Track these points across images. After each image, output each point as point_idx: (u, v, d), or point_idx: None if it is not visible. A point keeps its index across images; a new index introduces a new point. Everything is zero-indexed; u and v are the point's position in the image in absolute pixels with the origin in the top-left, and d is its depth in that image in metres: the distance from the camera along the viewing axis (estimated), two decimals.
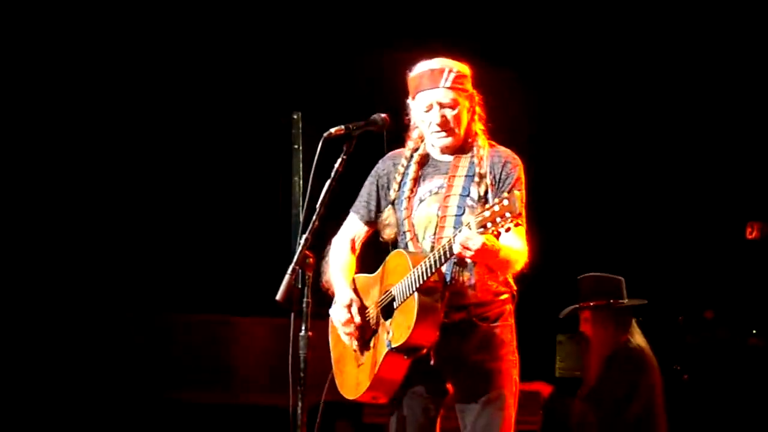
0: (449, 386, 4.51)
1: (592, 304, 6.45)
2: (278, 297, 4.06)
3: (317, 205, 4.22)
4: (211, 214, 8.59)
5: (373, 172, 4.69)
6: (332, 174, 4.26)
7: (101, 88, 8.26)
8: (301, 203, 7.68)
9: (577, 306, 6.52)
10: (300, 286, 4.11)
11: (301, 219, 4.25)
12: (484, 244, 4.07)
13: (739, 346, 8.25)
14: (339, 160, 4.29)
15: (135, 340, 7.61)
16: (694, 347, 8.19)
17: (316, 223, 4.20)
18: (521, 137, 4.71)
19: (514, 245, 4.31)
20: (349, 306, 4.49)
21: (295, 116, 7.97)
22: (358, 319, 4.48)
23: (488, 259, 4.21)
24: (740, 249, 8.69)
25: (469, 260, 4.24)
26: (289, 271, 4.08)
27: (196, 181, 8.57)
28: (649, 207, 8.85)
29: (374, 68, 8.30)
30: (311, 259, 4.15)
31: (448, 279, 4.37)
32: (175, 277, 8.32)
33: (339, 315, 4.51)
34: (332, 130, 4.31)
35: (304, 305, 4.10)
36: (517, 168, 4.47)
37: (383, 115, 4.43)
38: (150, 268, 8.34)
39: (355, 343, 4.52)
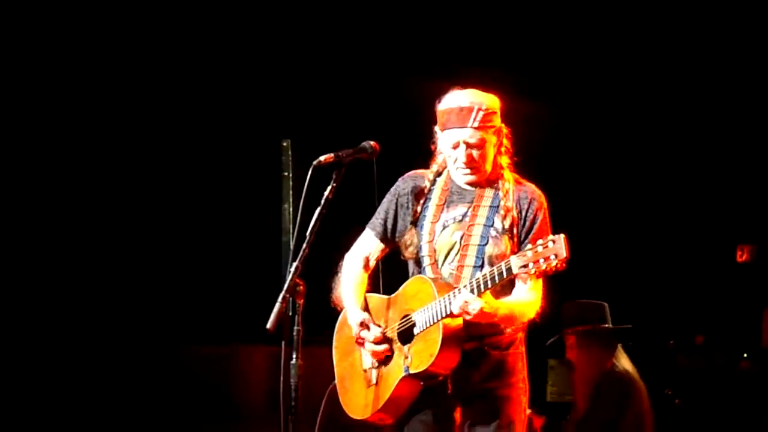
0: (457, 415, 4.49)
1: (575, 329, 6.47)
2: (269, 325, 4.04)
3: (307, 233, 4.21)
4: (201, 241, 8.57)
5: (392, 190, 4.67)
6: (322, 201, 4.26)
7: (93, 112, 8.22)
8: (291, 230, 7.68)
9: (562, 333, 6.54)
10: (291, 314, 4.11)
11: (292, 246, 4.25)
12: (481, 309, 4.14)
13: (730, 370, 8.26)
14: (329, 188, 4.29)
15: (125, 371, 7.58)
16: (686, 371, 8.20)
17: (307, 250, 4.19)
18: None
19: (524, 299, 4.35)
20: (367, 323, 4.47)
21: (285, 143, 7.98)
22: (378, 332, 4.45)
23: (486, 320, 4.24)
24: (731, 272, 8.71)
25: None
26: (280, 299, 4.07)
27: (186, 208, 8.55)
28: (639, 231, 8.86)
29: (365, 95, 8.33)
30: (302, 287, 4.14)
31: None
32: (163, 306, 8.28)
33: (365, 336, 4.46)
34: (322, 157, 4.31)
35: (295, 333, 4.10)
36: (542, 209, 4.51)
37: (372, 142, 4.44)
38: (136, 298, 8.29)
39: (369, 358, 4.50)
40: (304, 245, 4.20)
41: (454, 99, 4.47)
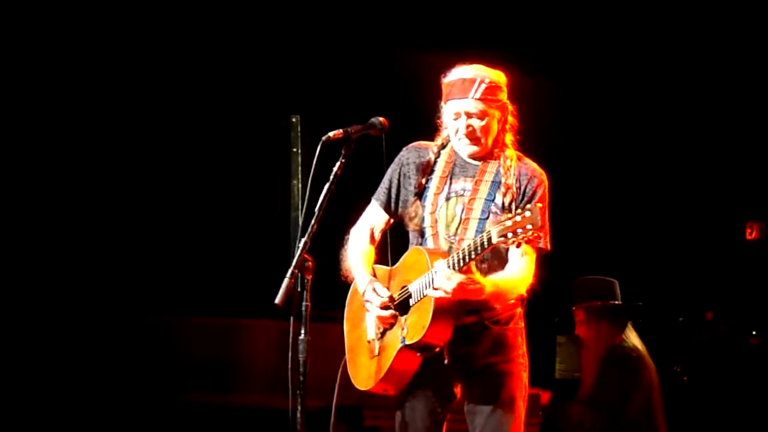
0: (457, 390, 4.51)
1: (584, 305, 6.47)
2: (277, 301, 4.06)
3: (316, 209, 4.22)
4: (210, 217, 8.59)
5: (396, 159, 4.67)
6: (331, 177, 4.26)
7: (99, 94, 8.25)
8: (300, 207, 7.68)
9: (572, 308, 6.54)
10: (299, 290, 4.11)
11: (300, 222, 4.25)
12: (461, 285, 4.13)
13: (739, 346, 8.25)
14: (338, 164, 4.28)
15: (136, 343, 7.60)
16: (695, 348, 8.19)
17: (315, 226, 4.19)
18: (526, 141, 4.70)
19: (512, 274, 4.36)
20: (375, 286, 4.47)
21: (294, 120, 7.97)
22: (386, 294, 4.44)
23: (471, 296, 4.23)
24: (740, 250, 8.70)
25: (482, 267, 4.30)
26: (288, 274, 4.08)
27: (195, 185, 8.57)
28: (649, 209, 8.85)
29: (373, 71, 8.31)
30: (310, 263, 4.15)
31: None
32: (174, 280, 8.32)
33: (373, 300, 4.46)
34: (331, 133, 4.31)
35: (303, 309, 4.11)
36: (542, 185, 4.50)
37: (381, 118, 4.44)
38: (149, 272, 8.33)
39: (373, 330, 4.52)
40: (313, 221, 4.20)
41: (459, 72, 4.49)
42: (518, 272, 4.37)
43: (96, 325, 7.71)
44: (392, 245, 4.67)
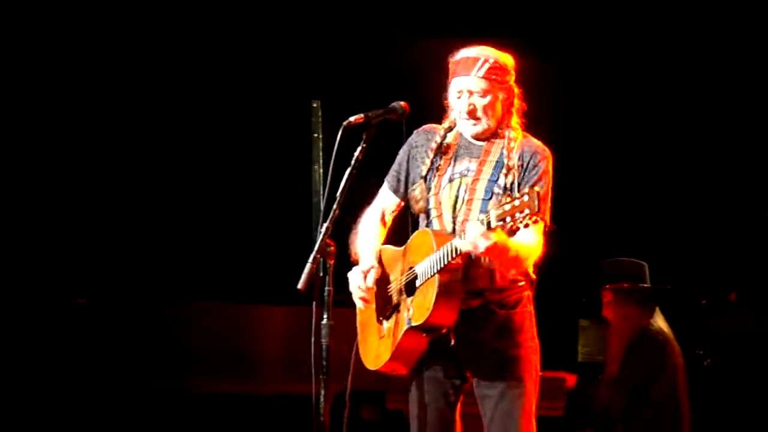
0: (468, 374, 4.51)
1: (613, 286, 6.46)
2: (300, 286, 4.07)
3: (338, 194, 4.23)
4: (232, 203, 8.60)
5: (406, 143, 4.66)
6: (352, 162, 4.27)
7: (122, 80, 8.27)
8: (321, 192, 7.69)
9: (600, 289, 6.53)
10: (321, 275, 4.13)
11: (322, 207, 4.26)
12: (496, 244, 4.10)
13: (762, 330, 8.22)
14: (359, 149, 4.30)
15: (153, 329, 7.61)
16: (719, 332, 8.17)
17: (337, 211, 4.21)
18: (543, 122, 4.69)
19: (527, 241, 4.31)
20: (367, 272, 4.49)
21: (315, 105, 7.97)
22: (370, 283, 4.47)
23: (498, 256, 4.23)
24: (763, 231, 8.65)
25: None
26: (311, 259, 4.10)
27: (217, 170, 8.58)
28: (671, 190, 8.82)
29: (395, 57, 8.30)
30: (332, 248, 4.17)
31: (470, 260, 4.36)
32: (196, 265, 8.34)
33: (355, 278, 4.50)
34: (352, 118, 4.32)
35: (326, 294, 4.12)
36: (545, 161, 4.47)
37: (402, 103, 4.45)
38: (169, 257, 8.35)
39: (381, 310, 4.53)
40: (335, 206, 4.21)
41: (465, 51, 4.49)
42: (532, 241, 4.33)
43: (108, 309, 7.72)
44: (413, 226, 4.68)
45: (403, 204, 4.69)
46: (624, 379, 6.35)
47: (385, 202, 4.71)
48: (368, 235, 4.64)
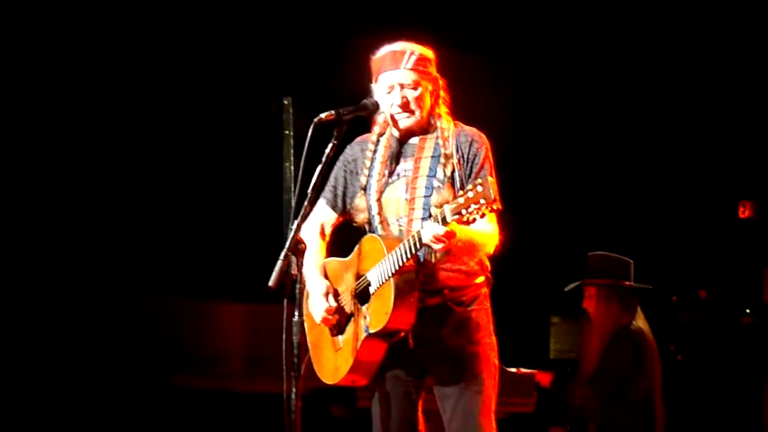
0: (428, 371, 4.50)
1: (598, 281, 6.45)
2: (271, 283, 4.06)
3: (309, 191, 4.23)
4: (202, 200, 8.57)
5: (341, 157, 4.65)
6: (323, 159, 4.26)
7: (87, 78, 8.22)
8: (292, 189, 7.67)
9: (583, 281, 6.51)
10: (292, 272, 4.11)
11: (293, 204, 4.25)
12: (453, 237, 4.09)
13: (732, 325, 8.27)
14: (330, 145, 4.30)
15: (123, 325, 7.58)
16: (688, 327, 8.21)
17: (308, 208, 4.21)
18: (509, 119, 4.70)
19: (483, 229, 4.30)
20: (326, 294, 4.47)
21: (286, 102, 7.95)
22: (333, 303, 4.45)
23: (456, 249, 4.23)
24: (733, 228, 8.70)
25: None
26: (282, 257, 4.09)
27: (187, 167, 8.55)
28: (642, 186, 8.85)
29: (365, 53, 8.28)
30: (303, 245, 4.16)
31: (421, 261, 4.36)
32: (166, 261, 8.31)
33: (319, 305, 4.47)
34: (323, 115, 4.32)
35: (297, 291, 4.11)
36: (483, 147, 4.47)
37: (374, 99, 4.46)
38: (140, 254, 8.32)
39: (333, 329, 4.52)
40: (306, 203, 4.21)
41: (387, 47, 4.51)
42: (488, 229, 4.32)
43: (76, 307, 7.68)
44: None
45: (341, 219, 4.67)
46: (602, 377, 6.35)
47: (322, 217, 4.68)
48: (310, 253, 4.56)
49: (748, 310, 8.33)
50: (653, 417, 6.33)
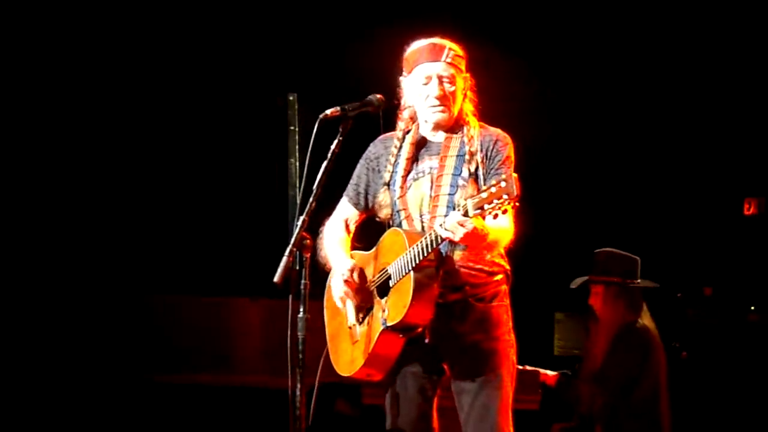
0: (446, 366, 4.51)
1: (605, 279, 6.43)
2: (276, 279, 4.06)
3: (314, 187, 4.24)
4: (208, 196, 8.58)
5: (364, 155, 4.69)
6: (329, 155, 4.27)
7: (92, 76, 8.23)
8: (297, 185, 7.68)
9: (590, 278, 6.50)
10: (298, 268, 4.12)
11: (298, 201, 4.26)
12: (474, 229, 4.07)
13: (738, 322, 8.26)
14: (335, 141, 4.30)
15: (129, 322, 7.59)
16: (693, 324, 8.20)
17: (314, 204, 4.21)
18: (518, 115, 4.70)
19: (501, 224, 4.30)
20: (353, 271, 4.48)
21: (291, 98, 7.95)
22: (356, 279, 4.46)
23: (477, 243, 4.20)
24: (738, 225, 8.69)
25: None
26: (287, 253, 4.09)
27: (193, 163, 8.56)
28: (647, 183, 8.84)
29: (371, 49, 8.28)
30: (309, 241, 4.16)
31: (443, 257, 4.37)
32: (172, 258, 8.32)
33: (341, 282, 4.48)
34: (328, 111, 4.32)
35: (302, 287, 4.11)
36: (507, 147, 4.48)
37: (379, 95, 4.46)
38: (146, 250, 8.33)
39: (353, 315, 4.51)
40: (311, 199, 4.21)
41: (424, 40, 4.52)
42: (504, 225, 4.32)
43: (84, 303, 7.69)
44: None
45: (365, 216, 4.69)
46: (607, 375, 6.34)
47: (345, 213, 4.71)
48: (336, 242, 4.62)
49: (753, 308, 8.32)
50: (659, 416, 6.31)
